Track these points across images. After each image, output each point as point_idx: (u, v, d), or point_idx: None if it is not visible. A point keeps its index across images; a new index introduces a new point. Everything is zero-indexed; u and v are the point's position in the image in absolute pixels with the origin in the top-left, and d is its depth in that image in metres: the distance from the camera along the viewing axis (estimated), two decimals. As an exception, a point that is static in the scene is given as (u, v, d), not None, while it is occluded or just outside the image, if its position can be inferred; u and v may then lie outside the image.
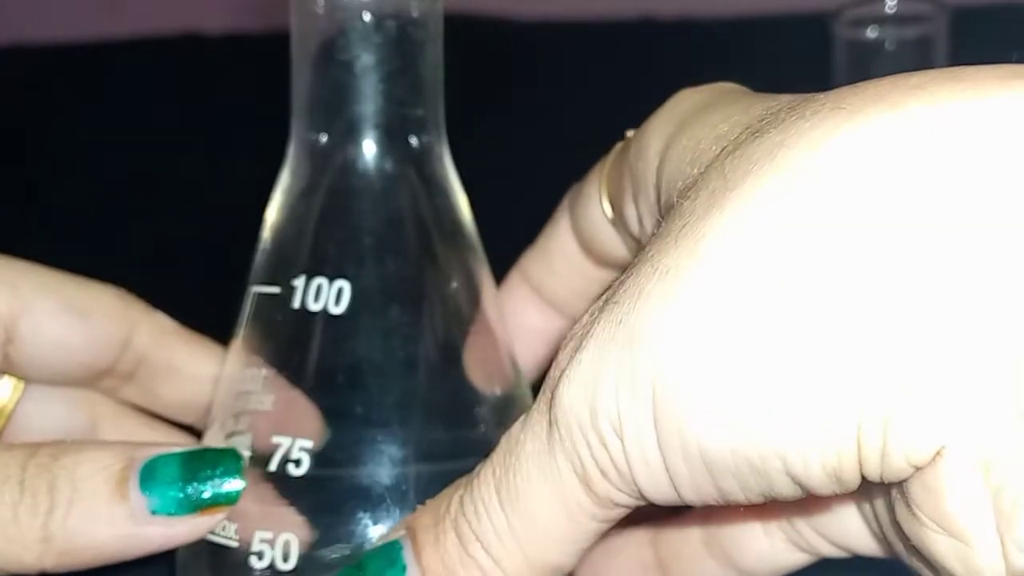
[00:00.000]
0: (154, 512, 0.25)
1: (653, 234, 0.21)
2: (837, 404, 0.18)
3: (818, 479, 0.19)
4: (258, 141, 0.31)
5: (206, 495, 0.25)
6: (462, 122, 0.30)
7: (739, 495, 0.20)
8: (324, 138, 0.27)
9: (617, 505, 0.21)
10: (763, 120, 0.20)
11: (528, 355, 0.31)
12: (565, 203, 0.30)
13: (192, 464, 0.26)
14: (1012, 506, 0.17)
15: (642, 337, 0.19)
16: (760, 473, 0.19)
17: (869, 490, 0.23)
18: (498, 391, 0.28)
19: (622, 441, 0.20)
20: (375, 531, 0.25)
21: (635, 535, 0.30)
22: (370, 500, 0.25)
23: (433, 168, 0.28)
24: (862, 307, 0.18)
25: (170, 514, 0.25)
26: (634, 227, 0.27)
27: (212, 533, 0.26)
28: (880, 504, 0.24)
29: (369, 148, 0.27)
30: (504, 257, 0.31)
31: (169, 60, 0.80)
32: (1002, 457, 0.17)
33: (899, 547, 0.23)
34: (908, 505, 0.18)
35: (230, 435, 0.27)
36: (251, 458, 0.26)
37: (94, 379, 0.31)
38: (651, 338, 0.19)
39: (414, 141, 0.28)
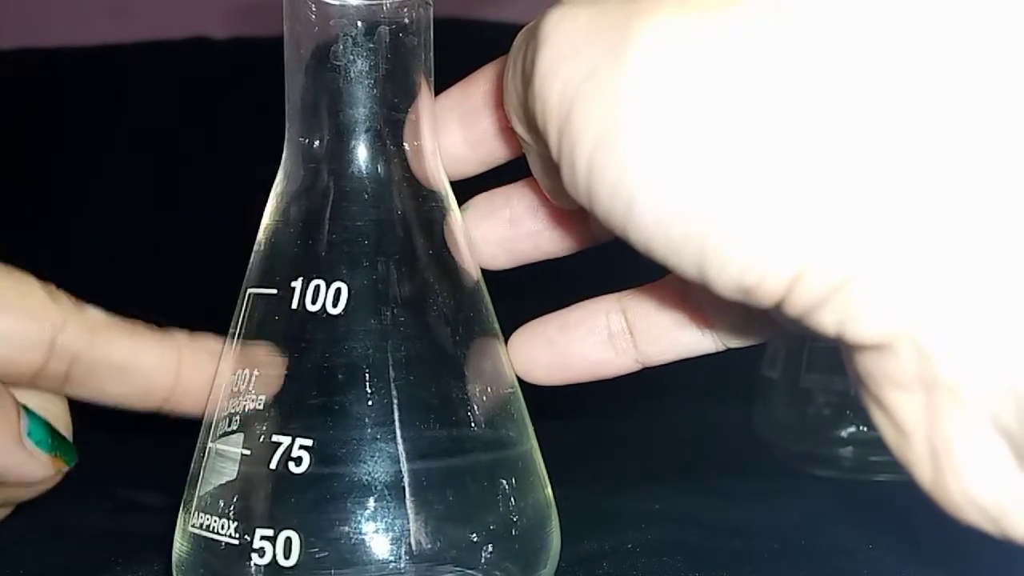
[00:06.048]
0: (30, 436, 0.29)
1: None
2: (792, 237, 0.17)
3: (727, 287, 0.18)
4: (265, 144, 0.31)
5: (58, 444, 0.30)
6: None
7: (640, 248, 0.19)
8: (317, 142, 0.28)
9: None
10: None
11: None
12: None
13: (48, 427, 0.30)
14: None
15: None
16: (673, 251, 0.18)
17: None
18: (493, 390, 0.28)
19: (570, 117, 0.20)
20: (375, 528, 0.26)
21: (601, 303, 0.29)
22: (370, 497, 0.26)
23: (426, 171, 0.28)
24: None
25: (38, 444, 0.29)
26: None
27: (211, 531, 0.26)
28: None
29: (362, 152, 0.28)
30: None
31: (177, 65, 0.81)
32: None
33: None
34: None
35: (223, 435, 0.27)
36: (249, 456, 0.26)
37: (27, 380, 0.29)
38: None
39: (406, 145, 0.28)
